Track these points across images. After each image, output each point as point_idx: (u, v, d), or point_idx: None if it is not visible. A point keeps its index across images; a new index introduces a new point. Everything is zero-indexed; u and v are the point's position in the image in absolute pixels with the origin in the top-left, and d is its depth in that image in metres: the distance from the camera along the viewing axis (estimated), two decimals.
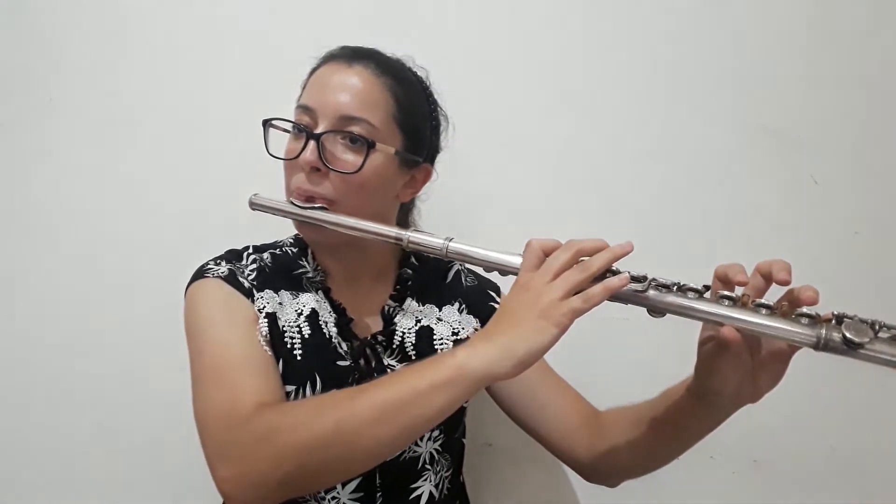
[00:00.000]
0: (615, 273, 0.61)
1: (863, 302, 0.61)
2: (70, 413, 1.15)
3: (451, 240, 0.68)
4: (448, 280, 0.91)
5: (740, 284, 0.59)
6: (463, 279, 0.92)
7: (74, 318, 1.14)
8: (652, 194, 1.09)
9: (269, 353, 0.74)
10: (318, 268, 0.83)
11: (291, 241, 0.86)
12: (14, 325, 1.16)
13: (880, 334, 0.54)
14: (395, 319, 0.84)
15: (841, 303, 0.56)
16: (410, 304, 0.86)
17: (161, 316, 0.84)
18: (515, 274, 0.64)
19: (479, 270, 0.74)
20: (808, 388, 1.08)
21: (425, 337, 0.83)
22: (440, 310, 0.87)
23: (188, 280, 0.79)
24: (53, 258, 1.15)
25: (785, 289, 0.58)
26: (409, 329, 0.83)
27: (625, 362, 1.09)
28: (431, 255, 0.71)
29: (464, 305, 0.89)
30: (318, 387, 0.76)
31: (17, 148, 1.14)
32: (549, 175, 1.11)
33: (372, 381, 0.62)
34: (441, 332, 0.85)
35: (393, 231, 0.71)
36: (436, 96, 0.85)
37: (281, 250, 0.85)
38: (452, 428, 0.86)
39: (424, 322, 0.85)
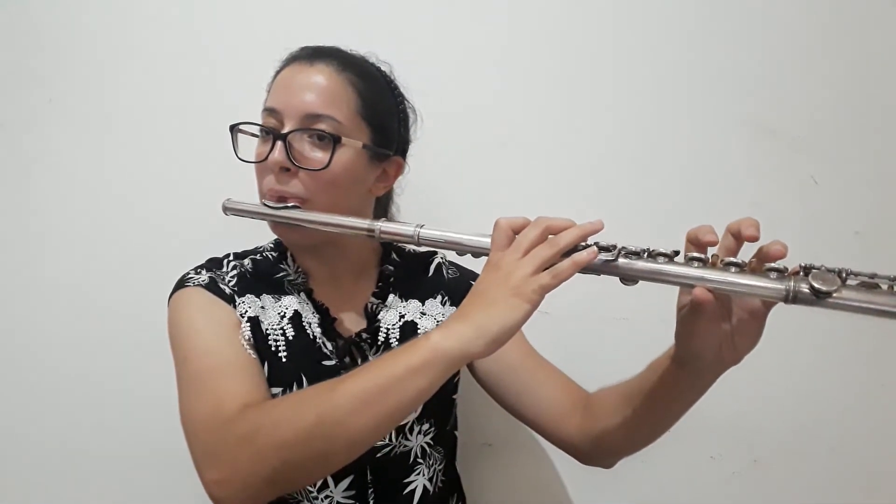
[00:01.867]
0: (585, 248, 0.61)
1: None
2: (70, 413, 1.15)
3: (421, 226, 0.68)
4: (430, 274, 0.91)
5: (710, 244, 0.59)
6: (444, 272, 0.92)
7: (74, 318, 1.14)
8: (652, 195, 1.09)
9: (254, 356, 0.75)
10: (299, 270, 0.84)
11: (272, 245, 0.87)
12: (13, 324, 1.16)
13: (848, 282, 0.53)
14: (379, 316, 0.84)
15: None
16: (393, 300, 0.86)
17: (163, 314, 0.84)
18: (488, 255, 0.64)
19: (454, 256, 0.74)
20: (809, 389, 1.08)
21: (409, 332, 0.84)
22: (423, 304, 0.87)
23: (170, 290, 0.79)
24: (52, 258, 1.15)
25: (756, 248, 0.59)
26: (393, 325, 0.84)
27: (624, 362, 1.08)
28: (404, 243, 0.71)
29: (446, 298, 0.89)
30: (304, 387, 0.76)
31: (17, 148, 1.14)
32: (549, 176, 1.11)
33: (350, 372, 0.62)
34: (425, 325, 0.85)
35: (365, 223, 0.71)
36: (402, 90, 0.86)
37: (261, 255, 0.85)
38: (443, 421, 0.86)
39: (408, 317, 0.85)
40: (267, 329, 0.78)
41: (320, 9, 1.10)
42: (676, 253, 0.60)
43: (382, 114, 0.80)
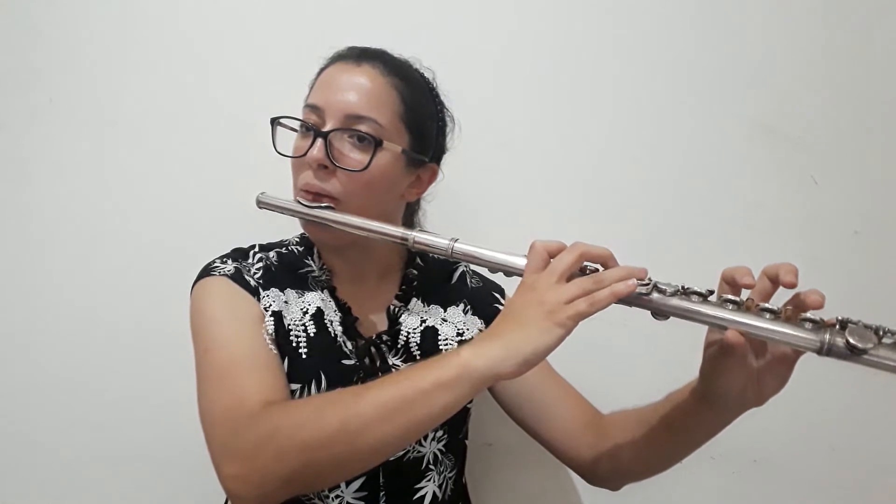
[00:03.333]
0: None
1: (863, 302, 0.61)
2: (70, 413, 1.15)
3: (456, 240, 0.68)
4: (453, 281, 0.91)
5: (747, 287, 0.59)
6: (468, 280, 0.92)
7: (75, 318, 1.14)
8: (653, 194, 1.09)
9: (275, 351, 0.74)
10: (324, 267, 0.84)
11: (297, 239, 0.87)
12: (14, 324, 1.16)
13: (884, 340, 0.53)
14: (401, 319, 0.84)
15: (841, 303, 0.56)
16: (415, 304, 0.86)
17: (163, 315, 0.84)
18: (520, 275, 0.64)
19: (484, 271, 0.74)
20: (809, 390, 1.07)
21: (430, 337, 0.84)
22: (445, 310, 0.87)
23: (194, 278, 0.79)
24: (54, 258, 1.15)
25: (791, 292, 0.58)
26: (414, 329, 0.84)
27: (628, 366, 1.09)
28: (437, 256, 0.71)
29: (468, 307, 0.89)
30: (322, 385, 0.76)
31: (17, 148, 1.14)
32: (550, 176, 1.11)
33: (376, 380, 0.62)
34: (446, 332, 0.85)
35: (399, 231, 0.72)
36: (442, 97, 0.86)
37: (287, 249, 0.85)
38: (456, 429, 0.86)
39: (429, 322, 0.85)
40: (289, 324, 0.77)
41: (320, 8, 1.10)
42: (711, 292, 0.60)
43: (423, 120, 0.81)
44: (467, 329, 0.86)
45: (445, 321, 0.86)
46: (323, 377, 0.76)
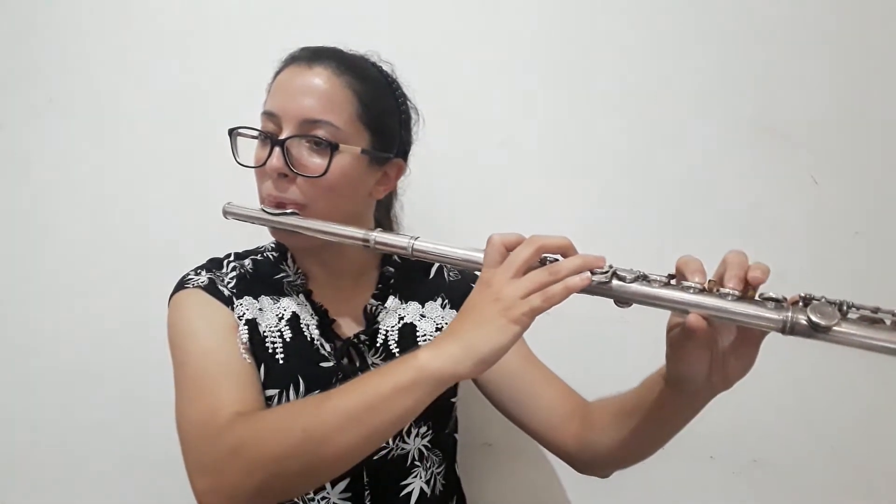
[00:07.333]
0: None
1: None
2: (70, 412, 1.15)
3: (416, 238, 0.68)
4: (431, 276, 0.91)
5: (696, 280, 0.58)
6: (446, 274, 0.92)
7: (74, 318, 1.14)
8: (652, 194, 1.09)
9: (250, 360, 0.75)
10: (299, 271, 0.84)
11: (272, 245, 0.87)
12: (14, 324, 1.16)
13: (849, 315, 0.52)
14: (378, 318, 0.84)
15: None
16: (393, 301, 0.86)
17: (161, 315, 0.84)
18: (479, 270, 0.64)
19: None
20: (808, 389, 1.08)
21: (409, 334, 0.84)
22: (423, 306, 0.87)
23: (171, 290, 0.79)
24: (52, 258, 1.15)
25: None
26: (392, 327, 0.84)
27: (620, 361, 1.08)
28: (398, 254, 0.70)
29: (447, 300, 0.89)
30: (301, 389, 0.76)
31: (17, 148, 1.14)
32: (549, 175, 1.11)
33: (338, 387, 0.63)
34: (424, 328, 0.85)
35: (360, 233, 0.71)
36: (404, 89, 0.85)
37: (262, 256, 0.85)
38: (441, 424, 0.86)
39: (407, 319, 0.85)
40: (264, 331, 0.77)
41: (320, 8, 1.10)
42: (672, 277, 0.59)
43: (382, 117, 0.80)
44: (446, 323, 0.86)
45: (424, 317, 0.86)
46: (301, 381, 0.76)
